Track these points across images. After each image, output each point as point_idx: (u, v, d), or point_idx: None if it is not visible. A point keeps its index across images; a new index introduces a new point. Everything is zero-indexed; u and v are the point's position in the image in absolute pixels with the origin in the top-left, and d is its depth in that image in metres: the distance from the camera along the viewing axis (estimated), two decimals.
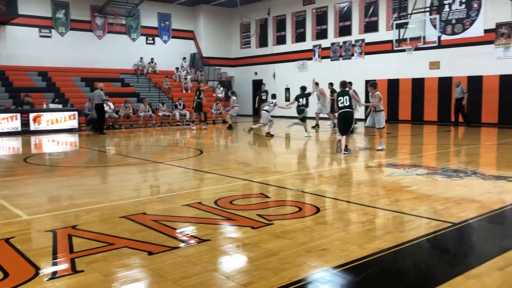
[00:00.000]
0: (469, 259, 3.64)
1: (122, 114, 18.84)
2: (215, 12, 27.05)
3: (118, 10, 23.72)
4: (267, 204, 5.58)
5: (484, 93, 17.00)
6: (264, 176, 7.49)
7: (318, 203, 5.52)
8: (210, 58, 26.84)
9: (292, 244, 3.94)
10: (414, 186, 6.40)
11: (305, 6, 23.68)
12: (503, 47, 16.58)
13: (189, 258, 3.64)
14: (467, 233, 4.45)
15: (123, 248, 3.89)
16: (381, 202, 5.56)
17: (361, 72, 20.55)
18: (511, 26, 16.32)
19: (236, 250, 3.86)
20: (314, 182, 7.07)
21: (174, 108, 20.73)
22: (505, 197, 5.74)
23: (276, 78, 25.49)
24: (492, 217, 4.86)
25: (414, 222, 4.65)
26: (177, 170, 8.31)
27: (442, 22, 17.60)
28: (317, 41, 23.29)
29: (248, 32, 27.09)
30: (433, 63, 18.49)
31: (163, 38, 25.92)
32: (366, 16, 20.94)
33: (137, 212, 5.13)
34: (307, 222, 4.65)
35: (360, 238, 4.10)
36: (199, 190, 6.57)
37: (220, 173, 7.65)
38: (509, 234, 4.38)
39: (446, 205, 5.26)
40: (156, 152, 11.87)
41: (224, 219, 4.83)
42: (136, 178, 7.76)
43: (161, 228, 4.48)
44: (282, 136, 15.26)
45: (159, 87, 23.38)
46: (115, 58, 23.55)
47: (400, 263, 3.69)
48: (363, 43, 21.19)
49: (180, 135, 16.41)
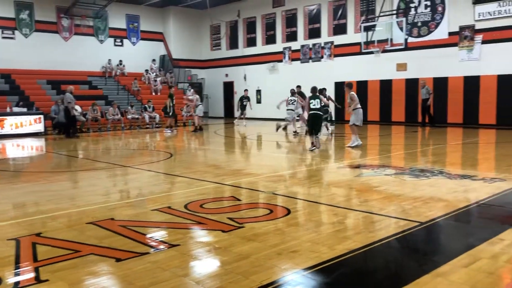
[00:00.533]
0: (436, 257, 3.70)
1: (89, 117, 18.47)
2: (185, 13, 26.87)
3: (85, 11, 23.27)
4: (238, 207, 5.55)
5: (449, 94, 17.46)
6: (236, 178, 7.46)
7: (289, 205, 5.53)
8: (180, 60, 26.64)
9: (263, 247, 3.93)
10: (383, 186, 6.49)
11: (275, 9, 23.80)
12: (466, 49, 17.07)
13: (158, 264, 3.58)
14: (434, 231, 4.54)
15: (90, 255, 3.79)
16: (351, 202, 5.61)
17: (330, 74, 20.80)
18: (474, 29, 16.82)
19: (207, 255, 3.82)
20: (286, 184, 7.08)
21: (144, 111, 20.47)
22: (470, 195, 5.89)
23: (247, 80, 25.50)
24: (458, 215, 4.97)
25: (383, 222, 4.71)
26: (147, 174, 8.19)
27: (408, 25, 17.99)
28: (287, 43, 23.43)
29: (218, 34, 27.03)
30: (400, 65, 18.87)
31: (131, 40, 25.57)
32: (335, 18, 21.20)
33: (104, 217, 5.02)
34: (278, 224, 4.64)
35: (330, 239, 4.13)
36: (169, 194, 6.49)
37: (190, 177, 7.58)
38: (474, 232, 4.49)
39: (414, 204, 5.36)
40: (125, 156, 11.67)
41: (194, 223, 4.78)
42: (104, 183, 7.60)
43: (129, 234, 4.39)
44: (257, 137, 15.25)
45: (128, 89, 23.05)
46: (83, 60, 23.07)
47: (370, 263, 3.72)
48: (332, 46, 21.44)
49: (150, 138, 16.20)
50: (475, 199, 5.65)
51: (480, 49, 16.74)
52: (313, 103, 10.78)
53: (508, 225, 4.51)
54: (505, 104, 16.15)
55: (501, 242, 3.95)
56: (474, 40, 16.86)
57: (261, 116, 24.07)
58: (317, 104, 10.78)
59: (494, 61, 16.38)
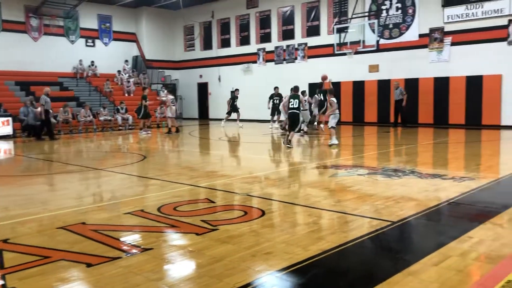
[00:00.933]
0: (407, 256, 3.77)
1: (60, 119, 18.09)
2: (158, 14, 26.62)
3: (54, 11, 22.76)
4: (213, 209, 5.52)
5: (420, 94, 17.81)
6: (211, 180, 7.42)
7: (264, 206, 5.54)
8: (153, 60, 26.37)
9: (237, 249, 3.92)
10: (356, 186, 6.57)
11: (249, 10, 23.81)
12: (436, 51, 17.45)
13: (130, 268, 3.52)
14: (405, 231, 4.62)
15: (60, 261, 3.71)
16: (325, 203, 5.66)
17: (304, 76, 20.92)
18: (443, 32, 17.22)
19: (180, 258, 3.79)
20: (261, 185, 7.09)
21: (116, 112, 20.18)
22: (441, 194, 6.01)
23: (222, 81, 25.45)
24: (429, 214, 5.07)
25: (356, 222, 4.76)
26: (119, 177, 8.07)
27: (380, 27, 18.27)
28: (261, 45, 23.47)
29: (192, 34, 26.88)
30: (373, 66, 19.15)
31: (103, 41, 25.17)
32: (308, 20, 21.36)
33: (76, 222, 4.92)
34: (252, 226, 4.64)
35: (304, 239, 4.15)
36: (142, 197, 6.41)
37: (164, 179, 7.50)
38: (444, 231, 4.58)
39: (386, 204, 5.44)
40: (97, 158, 11.48)
41: (168, 226, 4.73)
42: (76, 186, 7.46)
43: (101, 238, 4.31)
44: (232, 138, 15.22)
45: (100, 90, 22.68)
46: (53, 61, 22.57)
47: (343, 263, 3.76)
48: (306, 47, 21.59)
49: (123, 140, 15.98)
50: (445, 198, 5.77)
51: (449, 50, 17.14)
52: (292, 103, 11.50)
53: (476, 222, 4.62)
54: (473, 104, 16.58)
55: (470, 240, 4.05)
56: (444, 42, 17.25)
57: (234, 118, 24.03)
58: (295, 104, 11.47)
59: (463, 63, 16.80)
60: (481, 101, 16.45)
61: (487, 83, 16.27)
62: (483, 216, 4.93)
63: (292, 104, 11.50)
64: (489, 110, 16.32)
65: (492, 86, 16.16)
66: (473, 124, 16.53)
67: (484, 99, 16.39)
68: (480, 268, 3.47)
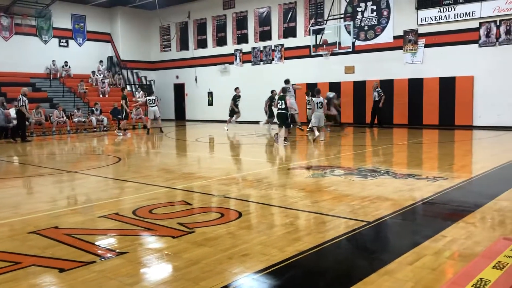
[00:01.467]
0: (383, 256, 3.80)
1: (33, 121, 17.70)
2: (133, 14, 26.32)
3: (26, 10, 22.29)
4: (189, 211, 5.47)
5: (395, 96, 18.07)
6: (187, 182, 7.37)
7: (241, 208, 5.52)
8: (128, 61, 26.06)
9: (213, 251, 3.89)
10: (333, 186, 6.61)
11: (225, 10, 23.77)
12: (410, 52, 17.75)
13: (104, 273, 3.46)
14: (381, 230, 4.66)
15: (31, 266, 3.62)
16: (301, 203, 5.67)
17: (281, 77, 20.91)
18: (417, 33, 17.52)
19: (156, 262, 3.73)
20: (238, 187, 7.06)
21: (91, 114, 19.86)
22: (415, 194, 6.10)
23: (198, 82, 25.33)
24: (404, 214, 5.14)
25: (332, 222, 4.79)
26: (94, 180, 7.93)
27: (355, 29, 18.47)
28: (238, 46, 23.46)
29: (168, 35, 26.67)
30: (348, 67, 19.35)
31: (77, 41, 24.76)
32: (285, 21, 21.45)
33: (48, 226, 4.81)
34: (229, 228, 4.61)
35: (281, 241, 4.15)
36: (117, 200, 6.31)
37: (139, 181, 7.41)
38: (418, 230, 4.65)
39: (362, 204, 5.49)
40: (71, 160, 11.26)
41: (143, 229, 4.67)
42: (49, 189, 7.29)
43: (74, 243, 4.22)
44: (210, 140, 15.15)
45: (74, 91, 22.29)
46: (25, 61, 22.08)
47: (320, 264, 3.77)
48: (282, 48, 21.67)
49: (98, 142, 15.73)
50: (419, 198, 5.86)
51: (423, 52, 17.45)
52: (280, 103, 12.50)
53: (450, 222, 4.70)
54: (447, 105, 16.93)
55: (444, 239, 4.12)
56: (418, 44, 17.56)
57: (211, 119, 23.98)
58: (283, 104, 12.44)
59: (436, 64, 17.13)
60: (454, 102, 16.81)
61: (460, 84, 16.63)
62: (456, 215, 5.02)
63: (280, 104, 12.47)
64: (461, 111, 16.68)
65: (465, 87, 16.53)
66: (447, 125, 16.88)
67: (457, 100, 16.75)
68: (453, 266, 3.53)
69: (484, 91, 16.20)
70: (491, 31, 15.96)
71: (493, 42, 15.96)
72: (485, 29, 16.06)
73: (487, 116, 16.22)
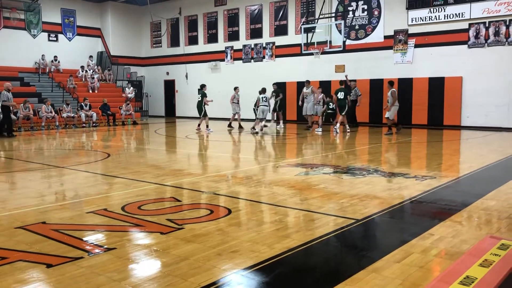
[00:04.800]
0: (371, 253, 3.83)
1: (21, 116, 17.51)
2: (124, 9, 26.13)
3: (15, 4, 22.01)
4: (178, 208, 5.46)
5: (385, 95, 18.12)
6: (177, 179, 7.35)
7: (230, 205, 5.53)
8: (118, 57, 25.87)
9: (202, 248, 3.88)
10: (322, 184, 6.64)
11: (217, 7, 23.70)
12: (400, 52, 17.86)
13: (92, 268, 3.44)
14: (370, 228, 4.69)
15: (18, 261, 3.58)
16: (291, 201, 5.69)
17: (272, 74, 21.01)
18: (407, 34, 17.63)
19: (144, 258, 3.72)
20: (228, 184, 7.06)
21: (80, 109, 19.70)
22: (403, 193, 6.15)
23: (189, 78, 25.24)
24: (392, 212, 5.18)
25: (321, 220, 4.81)
26: (82, 175, 7.88)
27: (346, 28, 18.54)
28: (229, 43, 23.41)
29: (159, 31, 26.53)
30: (339, 66, 19.41)
31: (67, 35, 24.53)
32: (276, 19, 21.46)
33: (36, 221, 4.77)
34: (219, 225, 4.61)
35: (270, 238, 4.16)
36: (105, 195, 6.27)
37: (128, 177, 7.37)
38: (406, 228, 4.69)
39: (351, 202, 5.52)
40: (59, 156, 11.16)
41: (132, 225, 4.65)
42: (37, 184, 7.23)
43: (62, 238, 4.19)
44: (200, 137, 15.11)
45: (63, 86, 22.08)
46: (13, 55, 21.83)
47: (308, 261, 3.79)
48: (273, 46, 21.67)
49: (87, 137, 15.62)
50: (407, 196, 5.91)
51: (413, 52, 17.57)
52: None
53: (437, 220, 4.75)
54: (436, 105, 17.07)
55: (431, 237, 4.16)
56: (408, 44, 17.67)
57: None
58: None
59: (426, 64, 17.26)
60: (443, 102, 16.95)
61: (449, 84, 16.77)
62: (443, 214, 5.07)
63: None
64: (450, 111, 16.83)
65: (453, 88, 16.68)
66: (435, 125, 17.02)
67: (445, 100, 16.89)
68: (440, 264, 3.57)
69: (472, 92, 16.37)
70: (480, 32, 16.11)
71: (482, 43, 16.12)
72: (474, 30, 16.21)
73: (475, 116, 16.39)
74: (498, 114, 15.90)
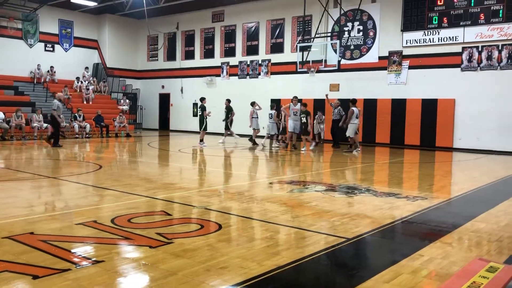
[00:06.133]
0: (361, 272, 3.82)
1: (13, 125, 17.42)
2: (121, 22, 26.28)
3: (13, 13, 22.08)
4: (168, 222, 5.43)
5: (378, 115, 18.31)
6: (168, 192, 7.31)
7: (221, 220, 5.50)
8: (114, 69, 25.94)
9: (191, 263, 3.85)
10: (313, 202, 6.63)
11: (214, 23, 23.91)
12: (395, 73, 18.06)
13: (80, 281, 3.39)
14: (360, 247, 4.68)
15: (4, 272, 3.53)
16: (282, 218, 5.67)
17: (267, 91, 21.14)
18: (402, 55, 17.84)
19: (132, 271, 3.68)
20: (219, 199, 7.04)
21: (73, 120, 19.64)
22: (395, 212, 6.16)
23: (184, 92, 25.31)
24: (383, 232, 5.17)
25: (312, 238, 4.79)
26: (73, 186, 7.82)
27: (341, 47, 18.74)
28: (225, 59, 23.57)
29: (156, 45, 26.67)
30: (333, 85, 19.56)
31: (64, 46, 24.58)
32: (273, 37, 21.66)
33: (23, 232, 4.71)
34: (209, 240, 4.58)
35: (260, 254, 4.13)
36: (95, 207, 6.22)
37: (119, 190, 7.33)
38: (396, 248, 4.69)
39: (342, 220, 5.51)
40: (50, 166, 11.09)
41: (121, 238, 4.61)
42: (26, 194, 7.16)
43: (50, 249, 4.14)
44: (192, 151, 15.09)
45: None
46: (9, 64, 21.82)
47: (298, 279, 3.76)
48: (269, 63, 21.83)
49: (79, 148, 15.54)
50: (398, 216, 5.91)
51: (407, 73, 17.77)
52: None
53: (427, 241, 4.75)
54: (428, 126, 17.20)
55: (421, 258, 4.15)
56: (402, 65, 17.88)
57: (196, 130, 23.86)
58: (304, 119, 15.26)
59: (419, 86, 17.45)
60: (436, 123, 17.09)
61: (441, 106, 16.94)
62: (433, 235, 5.07)
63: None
64: (442, 133, 16.97)
65: (446, 110, 16.84)
66: (428, 146, 17.13)
67: (438, 122, 17.04)
68: (429, 285, 3.56)
69: (465, 114, 16.53)
70: (473, 56, 16.35)
71: (475, 67, 16.34)
72: (467, 54, 16.45)
73: (467, 139, 16.53)
74: (490, 137, 16.05)
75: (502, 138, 15.84)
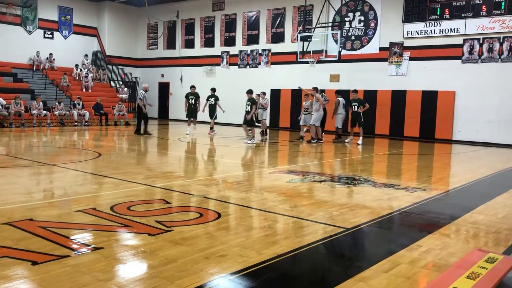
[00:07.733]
0: (359, 262, 3.83)
1: (12, 112, 17.38)
2: (121, 10, 26.10)
3: None
4: (168, 210, 5.43)
5: (378, 106, 18.27)
6: (167, 181, 7.31)
7: (220, 209, 5.51)
8: (114, 57, 25.82)
9: (190, 251, 3.86)
10: (312, 192, 6.64)
11: (215, 12, 23.76)
12: (395, 64, 17.99)
13: (78, 267, 3.40)
14: (358, 237, 4.70)
15: (3, 258, 3.54)
16: (281, 207, 5.68)
17: (267, 81, 21.06)
18: (402, 46, 17.77)
19: (131, 258, 3.69)
20: (218, 188, 7.04)
21: (72, 108, 19.59)
22: (393, 203, 6.17)
23: (184, 81, 25.22)
24: (381, 222, 5.19)
25: (311, 227, 4.80)
26: (72, 174, 7.81)
27: (342, 38, 18.65)
28: (225, 48, 23.45)
29: (156, 33, 26.52)
30: (333, 76, 19.51)
31: (63, 33, 24.43)
32: (273, 26, 21.54)
33: (22, 218, 4.72)
34: (208, 228, 4.59)
35: (259, 243, 4.14)
36: (95, 195, 6.22)
37: (119, 178, 7.33)
38: (395, 239, 4.70)
39: (341, 211, 5.52)
40: (50, 153, 11.08)
41: (120, 225, 4.61)
42: (25, 181, 7.16)
43: (49, 236, 4.15)
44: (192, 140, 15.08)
45: (57, 84, 21.96)
46: (7, 50, 21.69)
47: (296, 268, 3.78)
48: (269, 53, 21.74)
49: (78, 136, 15.52)
50: (397, 207, 5.92)
51: (408, 65, 17.71)
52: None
53: (426, 232, 4.76)
54: (428, 118, 17.19)
55: (419, 249, 4.16)
56: (403, 56, 17.81)
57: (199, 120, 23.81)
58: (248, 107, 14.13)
59: (419, 78, 17.40)
60: (435, 115, 17.07)
61: (442, 98, 16.91)
62: (432, 226, 5.09)
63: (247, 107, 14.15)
64: (442, 125, 16.96)
65: (446, 102, 16.81)
66: (427, 137, 17.13)
67: (438, 114, 17.02)
68: (427, 275, 3.57)
69: (464, 107, 16.51)
70: (474, 48, 16.29)
71: (476, 59, 16.29)
72: (469, 46, 16.38)
73: (467, 131, 16.52)
74: (489, 130, 16.04)
75: (502, 130, 15.84)
